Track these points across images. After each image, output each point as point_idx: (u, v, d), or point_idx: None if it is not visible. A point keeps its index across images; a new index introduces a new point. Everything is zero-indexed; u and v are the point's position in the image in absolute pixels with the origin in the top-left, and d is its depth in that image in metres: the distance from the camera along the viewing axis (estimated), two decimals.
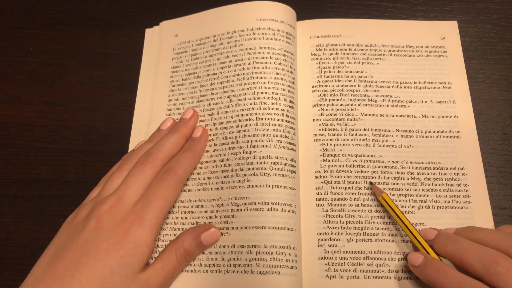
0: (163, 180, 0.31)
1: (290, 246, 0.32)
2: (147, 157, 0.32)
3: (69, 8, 0.45)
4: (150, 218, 0.29)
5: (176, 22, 0.42)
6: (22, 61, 0.42)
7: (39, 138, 0.39)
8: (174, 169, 0.32)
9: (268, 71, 0.36)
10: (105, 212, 0.29)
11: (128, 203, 0.29)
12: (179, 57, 0.41)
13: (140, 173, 0.31)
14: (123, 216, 0.29)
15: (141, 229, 0.28)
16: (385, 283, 0.32)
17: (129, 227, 0.28)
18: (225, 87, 0.37)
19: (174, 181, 0.31)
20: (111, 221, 0.28)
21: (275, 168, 0.33)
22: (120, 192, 0.30)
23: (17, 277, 0.35)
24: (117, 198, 0.29)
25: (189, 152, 0.34)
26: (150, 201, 0.30)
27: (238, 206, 0.33)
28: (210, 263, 0.32)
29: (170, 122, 0.37)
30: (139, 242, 0.28)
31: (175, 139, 0.34)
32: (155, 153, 0.32)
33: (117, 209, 0.29)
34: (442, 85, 0.38)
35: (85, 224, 0.29)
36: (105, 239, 0.28)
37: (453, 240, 0.30)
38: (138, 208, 0.29)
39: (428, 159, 0.36)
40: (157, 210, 0.29)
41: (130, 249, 0.28)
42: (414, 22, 0.41)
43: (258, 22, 0.38)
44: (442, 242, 0.30)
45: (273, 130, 0.34)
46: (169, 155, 0.33)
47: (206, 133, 0.36)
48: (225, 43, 0.39)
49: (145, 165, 0.31)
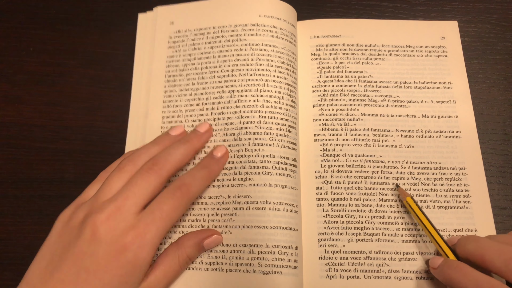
0: (174, 196, 0.29)
1: (292, 246, 0.32)
2: (153, 165, 0.29)
3: (69, 8, 0.44)
4: (152, 238, 0.27)
5: (172, 9, 0.41)
6: (22, 61, 0.42)
7: (39, 138, 0.39)
8: (188, 187, 0.30)
9: (271, 69, 0.36)
10: (102, 222, 0.27)
11: (128, 215, 0.27)
12: (176, 46, 0.40)
13: (143, 183, 0.28)
14: (122, 231, 0.27)
15: (141, 248, 0.27)
16: (386, 283, 0.32)
17: (129, 245, 0.26)
18: (226, 81, 0.37)
19: (185, 200, 0.29)
20: (108, 234, 0.26)
21: (277, 167, 0.33)
22: (120, 201, 0.28)
23: (17, 277, 0.34)
24: (116, 208, 0.27)
25: (205, 171, 0.32)
26: (155, 219, 0.28)
27: (240, 204, 0.33)
28: (211, 261, 0.32)
29: (180, 130, 0.34)
30: (138, 262, 0.27)
31: (185, 150, 0.32)
32: (162, 162, 0.30)
33: (115, 221, 0.27)
34: (443, 85, 0.38)
35: (80, 232, 0.27)
36: (103, 256, 0.26)
37: (474, 239, 0.30)
38: (141, 224, 0.27)
39: (428, 159, 0.36)
40: (161, 230, 0.28)
41: (129, 269, 0.26)
42: (414, 22, 0.41)
43: (262, 18, 0.38)
44: (463, 242, 0.30)
45: (276, 129, 0.34)
46: (177, 167, 0.31)
47: (227, 155, 0.34)
48: (226, 36, 0.38)
49: (150, 174, 0.29)
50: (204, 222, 0.33)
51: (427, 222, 0.32)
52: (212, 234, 0.32)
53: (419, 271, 0.32)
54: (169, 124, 0.37)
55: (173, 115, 0.37)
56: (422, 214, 0.32)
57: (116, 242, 0.26)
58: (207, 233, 0.32)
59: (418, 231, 0.33)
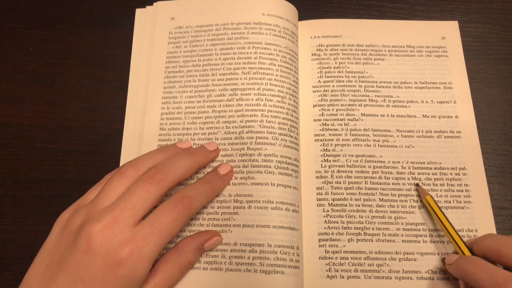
0: (175, 209, 0.28)
1: (293, 246, 0.32)
2: (154, 174, 0.28)
3: (69, 8, 0.44)
4: (150, 252, 0.26)
5: (173, 4, 0.41)
6: (22, 61, 0.42)
7: (39, 138, 0.39)
8: (190, 200, 0.28)
9: (274, 68, 0.36)
10: (97, 233, 0.26)
11: (125, 227, 0.26)
12: (176, 42, 0.39)
13: (142, 193, 0.27)
14: (119, 243, 0.26)
15: (138, 263, 0.26)
16: (386, 283, 0.32)
17: (126, 259, 0.25)
18: (228, 79, 0.37)
19: (186, 214, 0.28)
20: (104, 246, 0.25)
21: (280, 166, 0.33)
22: (116, 212, 0.26)
23: (17, 277, 0.35)
24: (113, 219, 0.26)
25: (208, 186, 0.31)
26: (153, 232, 0.26)
27: (241, 203, 0.33)
28: (210, 261, 0.32)
29: (188, 145, 0.34)
30: (135, 277, 0.26)
31: (190, 163, 0.31)
32: (165, 171, 0.29)
33: (112, 232, 0.26)
34: (443, 85, 0.38)
35: (76, 241, 0.26)
36: (99, 268, 0.25)
37: (490, 235, 0.30)
38: (138, 237, 0.26)
39: (428, 159, 0.36)
40: (159, 244, 0.27)
41: (126, 283, 0.26)
42: (414, 22, 0.41)
43: (265, 17, 0.38)
44: (480, 239, 0.30)
45: (278, 128, 0.34)
46: (179, 179, 0.30)
47: (231, 174, 0.33)
48: (229, 33, 0.38)
49: (151, 185, 0.28)
50: (203, 221, 0.33)
51: (445, 220, 0.32)
52: (212, 237, 0.31)
53: (419, 271, 0.32)
54: (168, 121, 0.37)
55: (172, 111, 0.37)
56: (441, 213, 0.32)
57: (112, 255, 0.25)
58: (207, 235, 0.31)
59: (418, 231, 0.33)
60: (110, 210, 0.27)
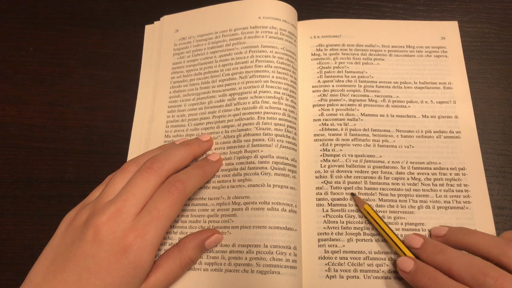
0: (170, 194, 0.29)
1: (290, 246, 0.32)
2: (152, 164, 0.30)
3: (69, 8, 0.45)
4: (152, 239, 0.27)
5: (177, 17, 0.42)
6: (22, 61, 0.42)
7: (39, 138, 0.39)
8: (183, 183, 0.30)
9: (270, 70, 0.36)
10: (103, 224, 0.27)
11: (128, 216, 0.28)
12: (180, 53, 0.40)
13: (142, 183, 0.29)
14: (123, 232, 0.27)
15: (142, 249, 0.27)
16: (385, 283, 0.32)
17: (130, 246, 0.27)
18: (226, 85, 0.37)
19: (181, 197, 0.29)
20: (110, 235, 0.27)
21: (276, 167, 0.33)
22: (120, 203, 0.28)
23: (17, 277, 0.35)
24: (116, 209, 0.28)
25: (200, 170, 0.32)
26: (152, 219, 0.28)
27: (239, 205, 0.33)
28: (210, 262, 0.32)
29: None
30: (140, 263, 0.27)
31: (185, 152, 0.32)
32: (161, 161, 0.30)
33: (116, 222, 0.27)
34: (443, 85, 0.38)
35: (83, 234, 0.27)
36: (105, 257, 0.26)
37: (441, 250, 0.29)
38: (139, 225, 0.27)
39: (428, 159, 0.36)
40: (159, 229, 0.28)
41: (131, 270, 0.27)
42: (414, 22, 0.41)
43: (261, 20, 0.38)
44: (430, 251, 0.30)
45: (274, 130, 0.34)
46: (176, 168, 0.31)
47: (221, 162, 0.35)
48: (227, 40, 0.39)
49: (150, 174, 0.29)
50: (204, 223, 0.34)
51: (386, 227, 0.32)
52: (212, 234, 0.32)
53: None
54: (173, 128, 0.38)
55: (177, 119, 0.38)
56: (381, 220, 0.32)
57: (117, 243, 0.27)
58: (208, 233, 0.32)
59: (418, 231, 0.33)
60: (114, 202, 0.28)
